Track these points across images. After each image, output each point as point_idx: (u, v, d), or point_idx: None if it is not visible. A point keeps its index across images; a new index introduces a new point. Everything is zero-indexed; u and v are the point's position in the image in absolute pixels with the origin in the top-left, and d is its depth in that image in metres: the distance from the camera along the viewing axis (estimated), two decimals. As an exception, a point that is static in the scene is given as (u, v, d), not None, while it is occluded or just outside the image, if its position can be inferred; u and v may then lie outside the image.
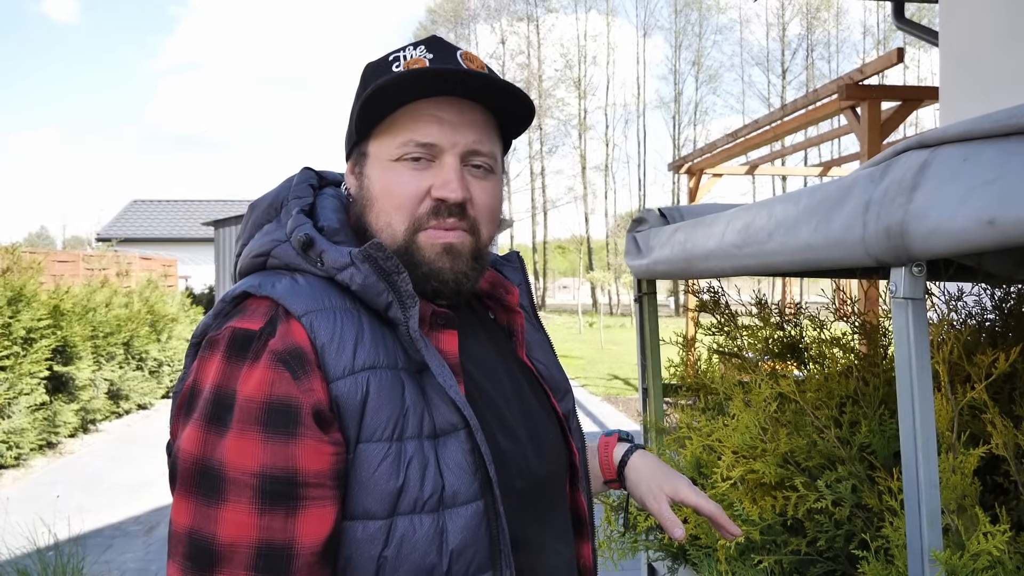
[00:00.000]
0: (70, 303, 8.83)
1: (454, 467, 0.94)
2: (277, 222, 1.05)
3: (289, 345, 0.89)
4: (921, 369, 1.13)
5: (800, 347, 2.18)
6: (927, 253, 1.08)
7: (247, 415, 0.87)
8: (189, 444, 0.89)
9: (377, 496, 0.90)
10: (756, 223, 1.51)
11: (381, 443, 0.91)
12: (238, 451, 0.86)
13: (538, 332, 1.24)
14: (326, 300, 0.95)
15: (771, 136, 8.97)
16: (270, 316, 0.92)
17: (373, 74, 1.03)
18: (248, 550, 0.85)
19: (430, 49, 1.02)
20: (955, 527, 1.28)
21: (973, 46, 4.26)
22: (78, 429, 8.95)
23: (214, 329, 0.94)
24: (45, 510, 5.97)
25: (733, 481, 1.71)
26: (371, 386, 0.91)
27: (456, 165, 1.01)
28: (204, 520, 0.86)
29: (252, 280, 0.98)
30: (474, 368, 1.05)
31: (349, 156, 1.09)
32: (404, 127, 1.00)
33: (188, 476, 0.88)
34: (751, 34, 59.35)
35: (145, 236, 27.73)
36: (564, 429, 1.17)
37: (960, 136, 1.07)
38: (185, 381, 0.95)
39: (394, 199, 1.01)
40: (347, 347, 0.92)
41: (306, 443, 0.87)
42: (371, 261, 0.95)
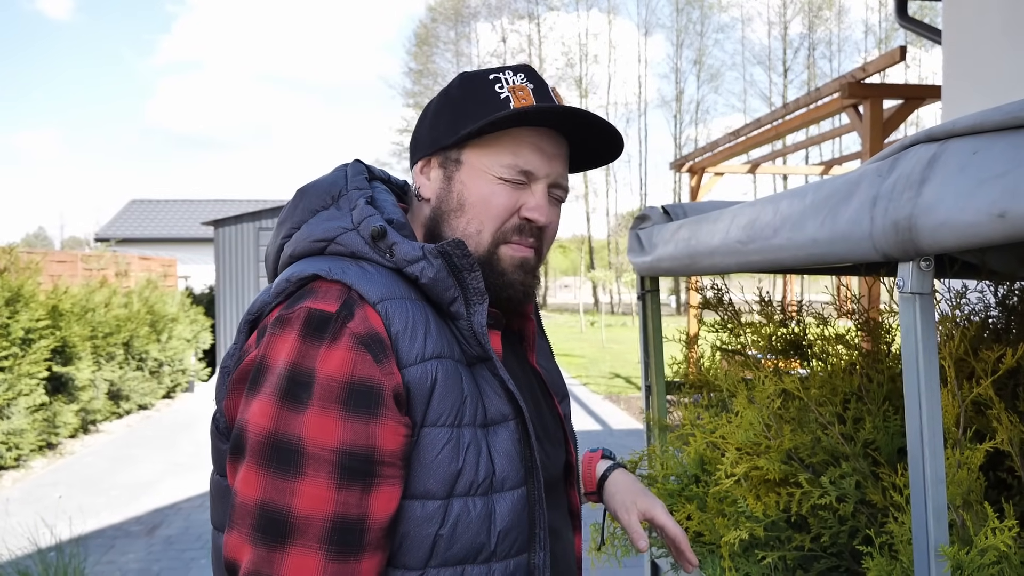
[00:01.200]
0: (69, 303, 8.82)
1: (504, 454, 1.01)
2: (336, 209, 1.08)
3: (369, 329, 0.94)
4: (928, 364, 1.13)
5: (803, 344, 2.17)
6: (936, 247, 1.07)
7: (329, 393, 0.90)
8: (261, 418, 0.91)
9: (439, 477, 0.96)
10: (761, 219, 1.50)
11: (445, 428, 0.97)
12: (319, 427, 0.89)
13: (542, 339, 1.32)
14: (397, 289, 1.00)
15: (773, 135, 8.96)
16: (345, 299, 0.95)
17: (473, 90, 1.09)
18: (323, 523, 0.89)
19: (529, 78, 1.11)
20: (960, 523, 1.27)
21: (976, 44, 4.25)
22: (78, 430, 8.95)
23: (285, 308, 0.96)
24: (46, 511, 5.96)
25: (737, 478, 1.70)
26: (439, 374, 0.97)
27: (546, 193, 1.10)
28: (278, 493, 0.89)
29: (319, 263, 1.00)
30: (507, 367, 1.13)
31: (426, 156, 1.13)
32: (508, 150, 1.07)
33: (259, 448, 0.90)
34: (753, 32, 59.41)
35: (144, 236, 27.72)
36: (565, 431, 1.25)
37: (970, 129, 1.06)
38: (239, 357, 0.99)
39: (491, 210, 1.07)
40: (419, 336, 0.97)
41: (386, 423, 0.92)
42: (445, 256, 1.01)
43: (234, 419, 0.99)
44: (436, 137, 1.11)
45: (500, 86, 1.08)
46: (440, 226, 1.10)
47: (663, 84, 79.17)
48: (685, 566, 1.29)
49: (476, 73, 1.12)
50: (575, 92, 45.63)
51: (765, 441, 1.67)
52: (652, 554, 2.14)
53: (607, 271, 38.47)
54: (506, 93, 1.07)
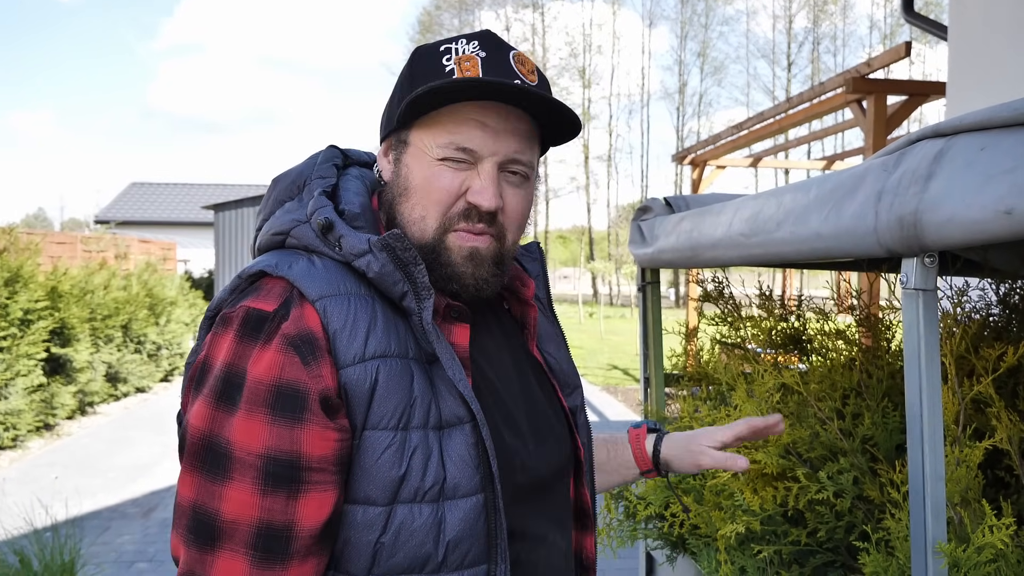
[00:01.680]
0: (68, 285, 8.82)
1: (457, 459, 0.95)
2: (299, 201, 1.05)
3: (301, 329, 0.90)
4: (930, 361, 1.12)
5: (803, 339, 2.17)
6: (941, 243, 1.06)
7: (256, 396, 0.88)
8: (198, 419, 0.90)
9: (379, 483, 0.92)
10: (765, 212, 1.50)
11: (386, 431, 0.92)
12: (245, 431, 0.88)
13: (552, 326, 1.25)
14: (341, 285, 0.95)
15: (776, 129, 8.94)
16: (285, 298, 0.92)
17: (422, 65, 1.02)
18: (249, 528, 0.87)
19: (483, 46, 1.01)
20: (958, 520, 1.27)
21: (982, 40, 4.23)
22: (76, 411, 8.95)
23: (229, 306, 0.95)
24: (43, 492, 5.98)
25: (734, 471, 1.70)
26: (380, 374, 0.92)
27: (493, 173, 1.01)
28: (208, 496, 0.88)
29: (270, 259, 0.98)
30: (484, 361, 1.07)
31: (385, 139, 1.08)
32: (447, 128, 1.00)
33: (195, 451, 0.90)
34: (757, 26, 59.21)
35: (144, 219, 27.69)
36: (571, 424, 1.19)
37: (978, 125, 1.05)
38: (198, 354, 0.97)
39: (432, 195, 1.01)
40: (359, 334, 0.92)
41: (311, 429, 0.89)
42: (389, 250, 0.96)
43: None
44: (388, 118, 1.06)
45: (448, 57, 1.00)
46: (393, 212, 1.05)
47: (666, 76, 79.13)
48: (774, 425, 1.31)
49: (428, 46, 1.04)
50: (578, 82, 45.52)
51: (763, 435, 1.67)
52: (647, 545, 2.14)
53: (607, 262, 38.48)
54: (451, 65, 0.99)
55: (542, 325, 1.22)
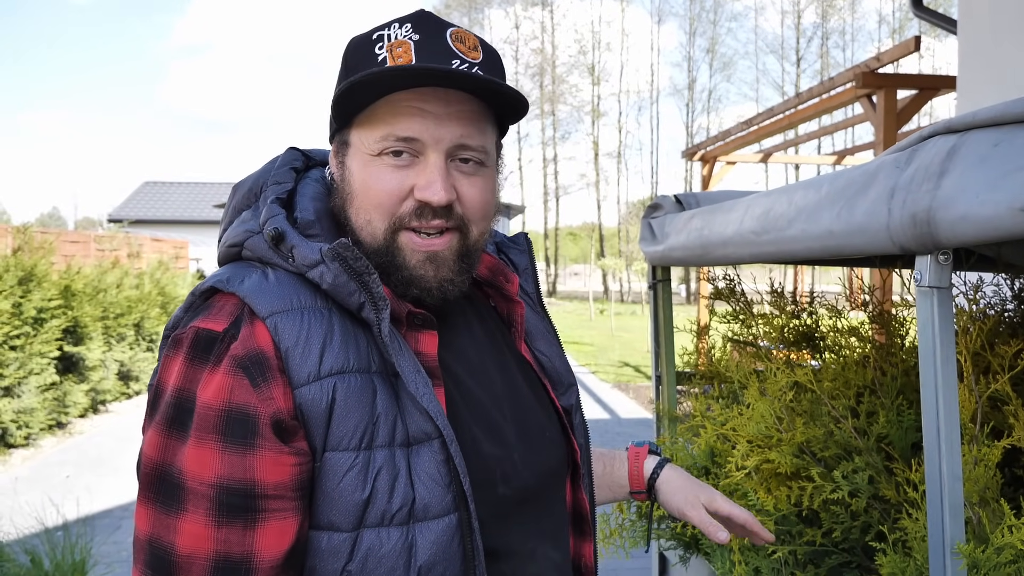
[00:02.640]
0: (81, 283, 8.87)
1: (426, 479, 0.89)
2: (254, 209, 1.00)
3: (251, 349, 0.85)
4: (946, 359, 1.11)
5: (816, 336, 2.15)
6: (954, 241, 1.05)
7: (205, 423, 0.84)
8: (150, 448, 0.86)
9: (342, 507, 0.87)
10: (776, 209, 1.49)
11: (348, 452, 0.87)
12: (196, 460, 0.83)
13: (542, 321, 1.18)
14: (295, 299, 0.90)
15: (786, 124, 8.90)
16: (235, 316, 0.88)
17: (354, 56, 0.96)
18: (205, 562, 0.83)
19: (416, 28, 0.94)
20: (976, 520, 1.26)
21: (992, 34, 4.19)
22: (88, 410, 9.01)
23: (181, 327, 0.90)
24: (54, 490, 6.01)
25: (748, 471, 1.69)
26: (338, 392, 0.87)
27: (440, 163, 0.94)
28: (163, 529, 0.84)
29: (222, 273, 0.93)
30: (460, 367, 1.00)
31: (332, 140, 1.02)
32: (383, 120, 0.93)
33: (148, 481, 0.86)
34: (766, 21, 59.01)
35: (157, 218, 27.82)
36: (565, 425, 1.12)
37: (991, 121, 1.04)
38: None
39: (373, 197, 0.94)
40: (313, 351, 0.87)
41: (264, 455, 0.84)
42: (341, 260, 0.90)
43: None
44: (330, 120, 1.00)
45: (380, 46, 0.93)
46: (342, 216, 0.99)
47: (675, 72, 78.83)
48: (759, 542, 1.23)
49: (363, 35, 0.97)
50: (588, 79, 45.44)
51: (777, 434, 1.65)
52: (660, 546, 2.13)
53: (617, 259, 38.41)
54: (383, 54, 0.92)
55: (530, 321, 1.15)
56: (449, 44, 0.94)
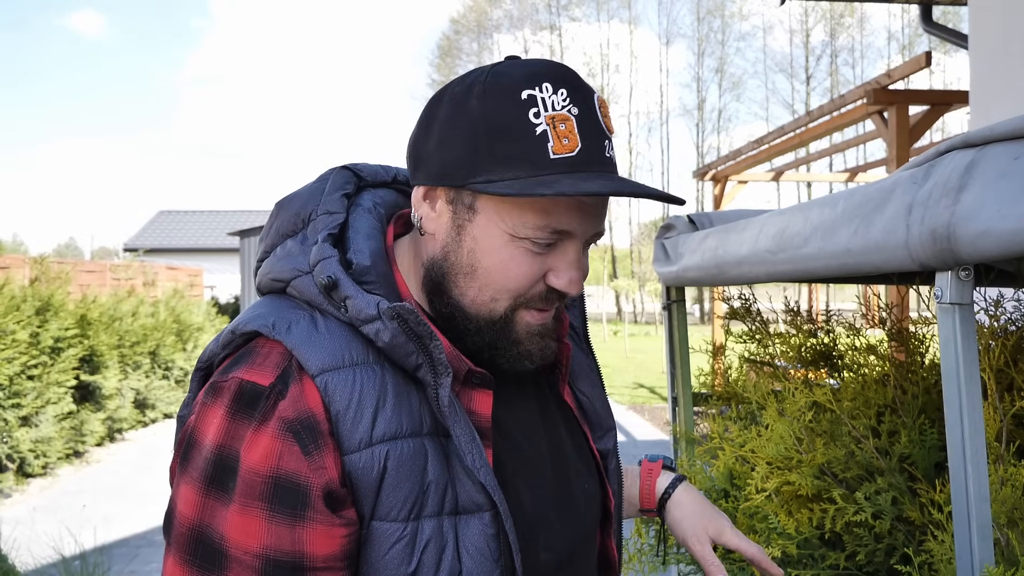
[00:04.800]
0: (97, 312, 8.93)
1: (474, 552, 0.85)
2: (303, 239, 0.93)
3: (301, 412, 0.80)
4: (969, 377, 1.09)
5: (833, 355, 2.13)
6: (976, 256, 1.03)
7: (251, 489, 0.79)
8: (186, 507, 0.81)
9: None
10: (792, 228, 1.47)
11: (396, 523, 0.82)
12: (240, 528, 0.79)
13: (587, 358, 1.12)
14: (347, 354, 0.84)
15: (797, 142, 8.89)
16: (282, 370, 0.82)
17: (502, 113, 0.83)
18: None
19: (572, 97, 0.84)
20: (1005, 541, 1.23)
21: (1004, 47, 4.17)
22: (104, 438, 9.03)
23: (221, 371, 0.86)
24: (71, 519, 6.01)
25: (768, 493, 1.66)
26: (390, 461, 0.82)
27: (580, 252, 0.89)
28: None
29: (267, 316, 0.87)
30: (510, 423, 0.95)
31: (431, 182, 0.89)
32: (541, 208, 0.84)
33: (185, 542, 0.81)
34: (774, 40, 59.14)
35: (172, 246, 28.08)
36: (600, 471, 1.08)
37: (1009, 134, 1.03)
38: (188, 415, 0.89)
39: (511, 280, 0.87)
40: (365, 415, 0.82)
41: (314, 527, 0.79)
42: (400, 321, 0.84)
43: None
44: (445, 165, 0.86)
45: (536, 113, 0.82)
46: (446, 282, 0.90)
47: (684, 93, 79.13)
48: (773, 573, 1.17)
49: (505, 84, 0.84)
50: (597, 101, 45.58)
51: (797, 455, 1.63)
52: (680, 570, 2.10)
53: (630, 280, 38.35)
54: (543, 126, 0.82)
55: (576, 359, 1.10)
56: (599, 119, 0.86)
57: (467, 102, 0.85)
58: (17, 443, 7.04)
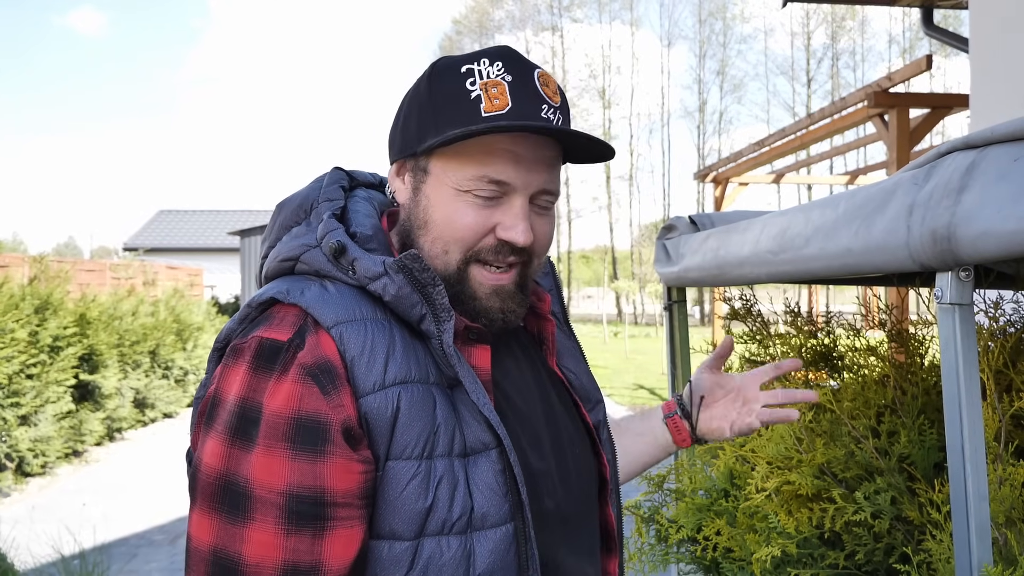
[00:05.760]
0: (96, 311, 8.94)
1: (484, 488, 0.91)
2: (307, 225, 1.01)
3: (319, 358, 0.86)
4: (969, 377, 1.10)
5: (834, 356, 2.13)
6: (976, 257, 1.04)
7: (274, 431, 0.84)
8: (212, 458, 0.86)
9: (405, 516, 0.87)
10: (793, 228, 1.48)
11: (411, 461, 0.87)
12: (265, 468, 0.83)
13: (569, 340, 1.21)
14: (357, 310, 0.91)
15: (797, 145, 8.90)
16: (299, 326, 0.88)
17: (443, 85, 0.96)
18: (274, 571, 0.83)
19: (508, 68, 0.95)
20: (1003, 541, 1.23)
21: (1004, 51, 4.18)
22: (104, 437, 9.03)
23: (239, 336, 0.91)
24: (70, 518, 6.01)
25: (768, 493, 1.67)
26: (402, 401, 0.88)
27: (526, 207, 0.97)
28: (229, 539, 0.83)
29: (280, 285, 0.94)
30: (506, 383, 1.02)
31: (398, 159, 1.02)
32: (476, 160, 0.94)
33: (211, 491, 0.85)
34: (775, 43, 59.31)
35: (171, 246, 28.08)
36: (594, 440, 1.14)
37: (1010, 135, 1.03)
38: (208, 388, 0.93)
39: (458, 231, 0.96)
40: (378, 360, 0.88)
41: (335, 461, 0.84)
42: (406, 272, 0.92)
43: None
44: (406, 140, 0.99)
45: (472, 81, 0.94)
46: (409, 239, 1.00)
47: (686, 95, 79.22)
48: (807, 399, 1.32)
49: (448, 63, 0.98)
50: (598, 103, 45.68)
51: (797, 455, 1.63)
52: (680, 570, 2.10)
53: (630, 281, 38.37)
54: (477, 91, 0.93)
55: (560, 340, 1.18)
56: (538, 88, 0.95)
57: (419, 85, 0.99)
58: (16, 442, 7.04)
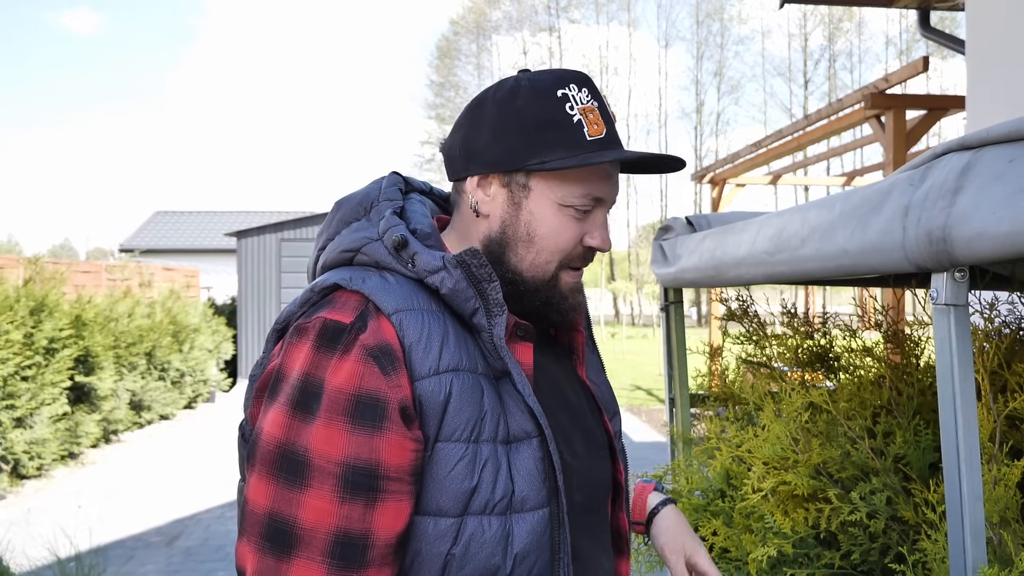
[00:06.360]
0: (92, 313, 8.91)
1: (525, 473, 0.97)
2: (367, 220, 1.08)
3: (380, 341, 0.92)
4: (964, 378, 1.10)
5: (830, 356, 2.14)
6: (971, 258, 1.04)
7: (335, 405, 0.90)
8: (273, 427, 0.91)
9: (451, 494, 0.93)
10: (789, 229, 1.48)
11: (459, 444, 0.94)
12: (325, 439, 0.89)
13: (593, 353, 1.28)
14: (415, 300, 0.98)
15: (794, 146, 8.91)
16: (361, 311, 0.95)
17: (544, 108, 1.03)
18: (326, 536, 0.88)
19: (592, 94, 1.06)
20: (998, 541, 1.23)
21: (1000, 53, 4.19)
22: (100, 440, 9.01)
23: (303, 317, 0.98)
24: (67, 521, 6.00)
25: (764, 493, 1.67)
26: (454, 387, 0.94)
27: (607, 219, 1.11)
28: (286, 503, 0.89)
29: (342, 273, 1.00)
30: (544, 380, 1.09)
31: (485, 172, 1.06)
32: (581, 179, 1.05)
33: (271, 458, 0.91)
34: (773, 44, 59.38)
35: (168, 247, 28.01)
36: (613, 448, 1.20)
37: (1005, 137, 1.04)
38: (265, 365, 1.00)
39: (562, 243, 1.06)
40: (433, 347, 0.95)
41: (391, 437, 0.90)
42: (464, 267, 1.00)
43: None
44: (500, 156, 1.04)
45: (570, 106, 1.04)
46: (506, 252, 1.07)
47: (683, 96, 79.25)
48: None
49: (539, 83, 1.05)
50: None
51: (793, 455, 1.64)
52: None
53: (627, 282, 38.39)
54: (577, 116, 1.04)
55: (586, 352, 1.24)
56: (608, 110, 1.08)
57: (514, 102, 1.05)
58: (11, 444, 7.03)
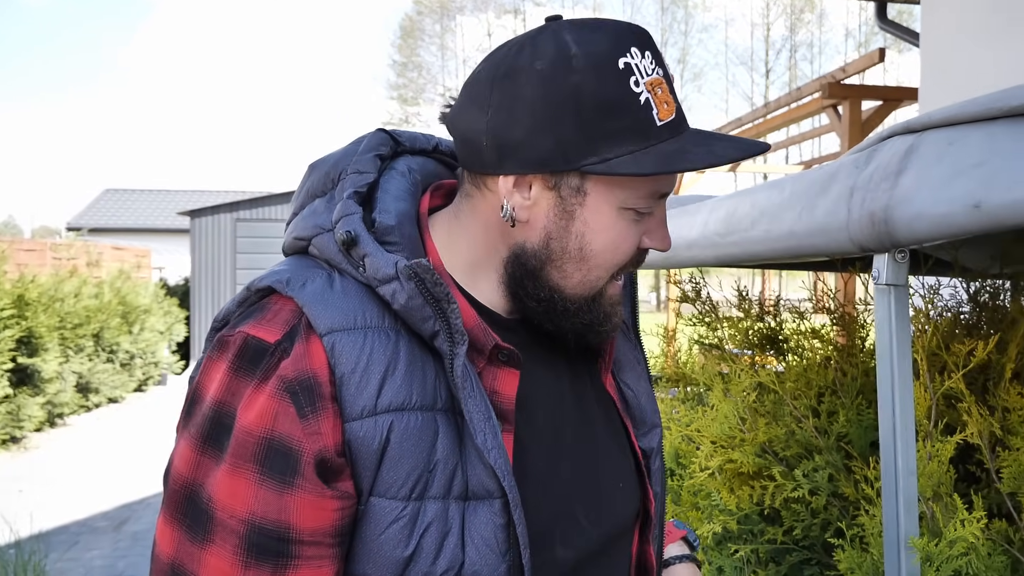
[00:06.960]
0: (36, 293, 8.66)
1: (480, 542, 0.79)
2: (330, 198, 0.88)
3: (301, 372, 0.76)
4: (902, 356, 1.13)
5: (779, 339, 2.18)
6: (911, 239, 1.07)
7: (243, 449, 0.75)
8: (180, 462, 0.79)
9: (381, 562, 0.77)
10: (739, 211, 1.50)
11: (396, 501, 0.77)
12: (229, 489, 0.76)
13: (634, 351, 1.06)
14: (359, 316, 0.79)
15: (754, 134, 9.02)
16: (290, 328, 0.78)
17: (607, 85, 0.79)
18: None
19: (655, 59, 0.83)
20: (930, 514, 1.27)
21: (952, 46, 4.29)
22: (44, 423, 8.79)
23: (231, 326, 0.82)
24: (7, 507, 5.85)
25: (711, 471, 1.70)
26: (393, 431, 0.77)
27: (666, 213, 0.90)
28: (187, 556, 0.77)
29: (283, 272, 0.83)
30: (536, 403, 0.89)
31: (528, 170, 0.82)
32: (652, 177, 0.83)
33: (176, 500, 0.79)
34: (736, 33, 59.72)
35: (118, 226, 27.37)
36: (642, 470, 1.01)
37: (946, 120, 1.06)
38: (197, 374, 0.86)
39: (618, 256, 0.86)
40: (372, 380, 0.77)
41: (302, 497, 0.75)
42: (417, 282, 0.78)
43: None
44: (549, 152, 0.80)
45: (635, 81, 0.79)
46: (546, 267, 0.85)
47: (644, 83, 79.26)
48: None
49: (596, 50, 0.79)
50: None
51: (740, 434, 1.67)
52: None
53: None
54: (644, 94, 0.80)
55: (621, 350, 1.03)
56: (671, 82, 0.85)
57: (567, 78, 0.79)
58: (-46, 424, 6.84)
